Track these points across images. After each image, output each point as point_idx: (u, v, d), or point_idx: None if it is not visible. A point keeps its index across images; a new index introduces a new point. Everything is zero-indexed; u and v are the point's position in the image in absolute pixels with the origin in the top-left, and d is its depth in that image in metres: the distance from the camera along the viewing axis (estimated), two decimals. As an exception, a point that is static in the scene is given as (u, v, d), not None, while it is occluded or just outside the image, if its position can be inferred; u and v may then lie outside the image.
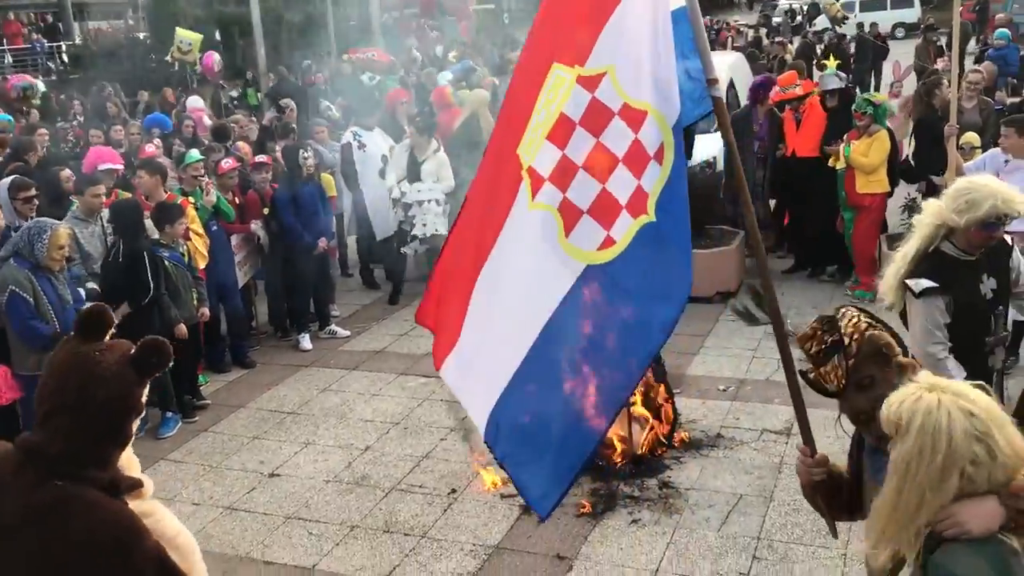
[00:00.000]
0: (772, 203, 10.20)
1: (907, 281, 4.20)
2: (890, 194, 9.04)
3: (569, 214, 3.28)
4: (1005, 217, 4.11)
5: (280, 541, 5.54)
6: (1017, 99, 9.48)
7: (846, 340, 2.76)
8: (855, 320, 2.81)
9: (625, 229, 3.20)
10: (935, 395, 2.23)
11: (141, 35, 27.28)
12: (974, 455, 2.18)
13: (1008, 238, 4.43)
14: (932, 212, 4.24)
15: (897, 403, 2.27)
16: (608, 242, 3.23)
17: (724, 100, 3.23)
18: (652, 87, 3.16)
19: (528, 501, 3.44)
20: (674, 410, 6.32)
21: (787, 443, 6.19)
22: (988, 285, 4.24)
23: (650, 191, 3.16)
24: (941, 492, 2.20)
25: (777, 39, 21.88)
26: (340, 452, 6.60)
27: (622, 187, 3.21)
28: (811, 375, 2.81)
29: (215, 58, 17.59)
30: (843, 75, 10.26)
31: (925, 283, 4.15)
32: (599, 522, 5.45)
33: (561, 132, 3.26)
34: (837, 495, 3.07)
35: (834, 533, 3.26)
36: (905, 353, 2.82)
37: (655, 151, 3.17)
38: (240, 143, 10.04)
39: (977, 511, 2.21)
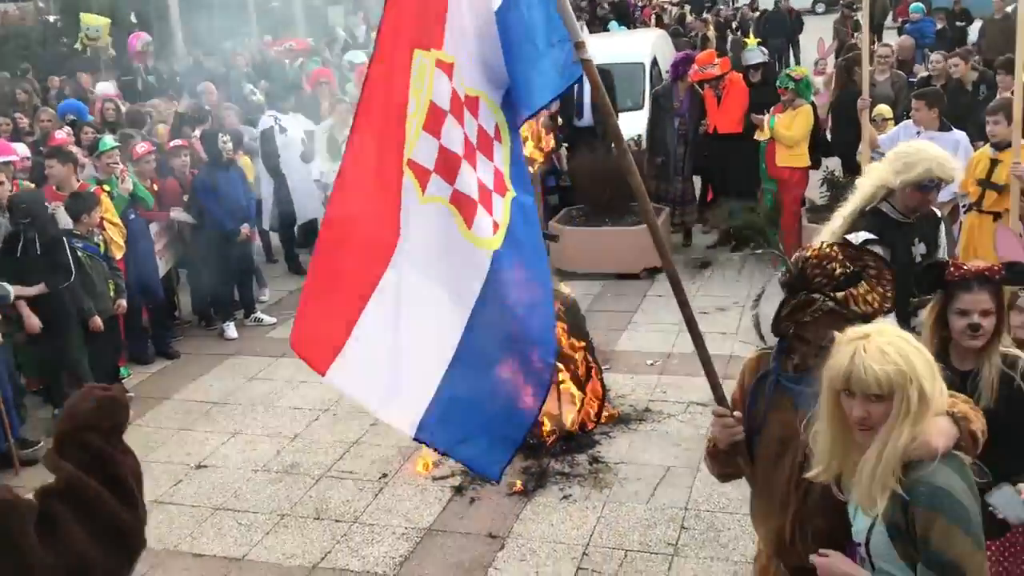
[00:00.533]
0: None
1: (847, 236, 4.31)
2: (814, 168, 9.24)
3: (464, 206, 3.25)
4: (939, 180, 4.27)
5: (209, 533, 5.45)
6: (927, 73, 9.72)
7: (879, 269, 2.78)
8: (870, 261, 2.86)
9: (501, 210, 3.26)
10: (893, 338, 2.35)
11: (51, 18, 26.23)
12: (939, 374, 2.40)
13: (936, 211, 4.59)
14: (873, 174, 4.37)
15: (880, 360, 2.30)
16: (496, 226, 3.26)
17: (593, 63, 3.17)
18: (482, 74, 3.21)
19: (478, 471, 3.46)
20: (603, 386, 6.38)
21: (713, 414, 6.31)
22: (919, 249, 4.40)
23: (503, 170, 3.26)
24: (933, 414, 2.36)
25: (703, 16, 22.08)
26: (268, 441, 6.52)
27: (486, 171, 3.26)
28: (838, 295, 2.71)
29: (143, 39, 16.74)
30: (765, 50, 10.42)
31: (864, 235, 4.27)
32: (531, 500, 5.49)
33: (435, 122, 3.20)
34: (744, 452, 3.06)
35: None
36: None
37: (494, 132, 3.25)
38: (159, 127, 9.77)
39: (939, 430, 2.37)
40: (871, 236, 4.22)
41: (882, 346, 2.32)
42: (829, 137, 9.84)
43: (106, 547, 2.15)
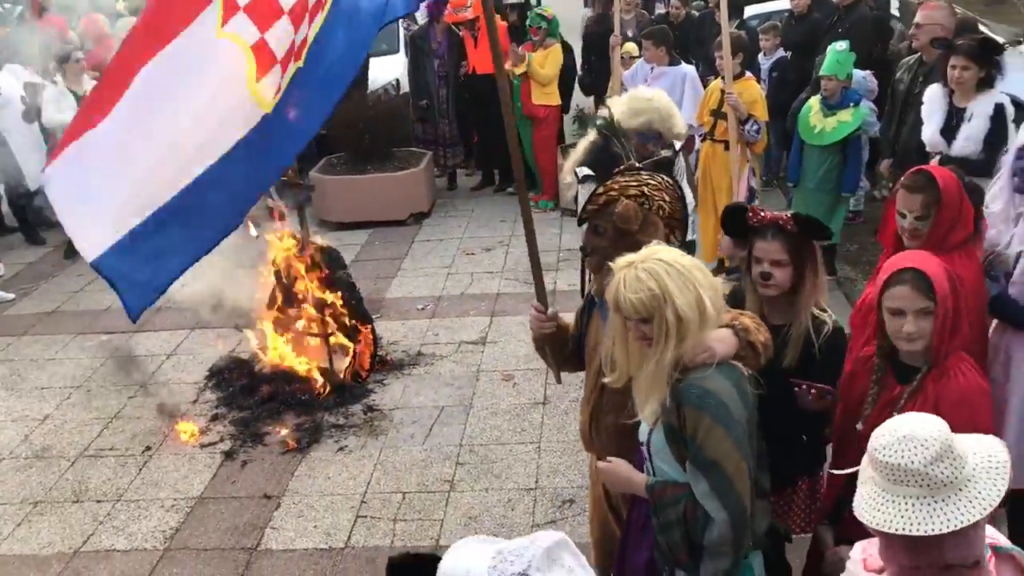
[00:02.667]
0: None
1: (576, 169, 4.49)
2: (565, 108, 9.53)
3: (263, 58, 3.21)
4: (658, 134, 4.48)
5: (-51, 533, 4.97)
6: (664, 11, 10.27)
7: (602, 188, 2.96)
8: (636, 185, 2.96)
9: (287, 77, 3.28)
10: (652, 263, 2.46)
11: None
12: (706, 291, 2.49)
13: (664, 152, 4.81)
14: (608, 112, 4.53)
15: (635, 288, 2.44)
16: (278, 89, 3.27)
17: None
18: None
19: (126, 303, 3.43)
20: (374, 334, 6.35)
21: (483, 352, 6.46)
22: None
23: (308, 38, 3.29)
24: (702, 329, 2.48)
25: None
26: (14, 426, 5.99)
27: (298, 35, 3.28)
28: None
29: None
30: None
31: (586, 170, 4.44)
32: (305, 456, 5.41)
33: None
34: (564, 348, 3.33)
35: (558, 379, 3.61)
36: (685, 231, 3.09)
37: (314, 4, 3.28)
38: None
39: (719, 338, 2.52)
40: (591, 172, 4.39)
41: (639, 273, 2.45)
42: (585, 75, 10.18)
43: None
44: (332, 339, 6.15)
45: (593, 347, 3.10)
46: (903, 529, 1.81)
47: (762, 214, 3.11)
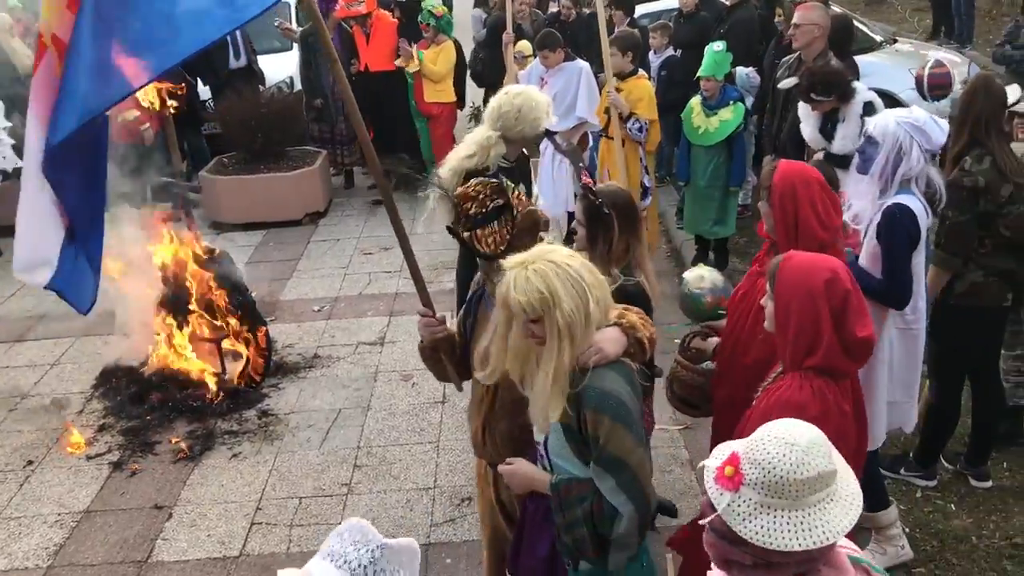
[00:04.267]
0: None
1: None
2: (460, 105, 9.53)
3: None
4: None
5: None
6: (556, 11, 10.35)
7: (515, 210, 2.97)
8: (519, 194, 3.06)
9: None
10: (542, 264, 2.50)
11: None
12: (594, 291, 2.54)
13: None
14: (489, 117, 4.59)
15: (524, 289, 2.46)
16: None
17: None
18: None
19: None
20: (268, 338, 6.24)
21: (380, 352, 6.42)
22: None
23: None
24: (588, 328, 2.52)
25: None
26: None
27: None
28: (465, 235, 2.95)
29: None
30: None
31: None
32: (198, 464, 5.28)
33: None
34: (454, 354, 3.30)
35: (459, 387, 3.50)
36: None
37: None
38: None
39: (609, 338, 2.57)
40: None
41: (528, 274, 2.48)
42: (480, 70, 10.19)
43: None
44: (224, 343, 6.02)
45: (481, 350, 3.08)
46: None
47: (586, 181, 3.62)
